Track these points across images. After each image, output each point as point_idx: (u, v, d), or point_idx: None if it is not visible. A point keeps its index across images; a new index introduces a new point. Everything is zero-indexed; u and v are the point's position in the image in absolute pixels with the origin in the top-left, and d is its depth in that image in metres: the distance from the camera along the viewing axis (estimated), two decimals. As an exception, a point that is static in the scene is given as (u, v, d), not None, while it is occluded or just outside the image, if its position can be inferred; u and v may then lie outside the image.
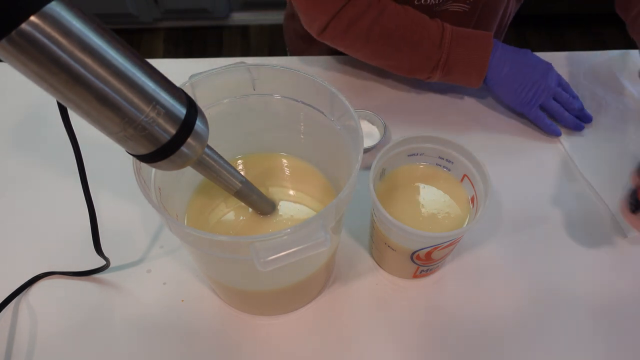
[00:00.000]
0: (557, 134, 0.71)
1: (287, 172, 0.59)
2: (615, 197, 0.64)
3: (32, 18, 0.27)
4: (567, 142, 0.70)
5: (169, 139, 0.35)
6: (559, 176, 0.67)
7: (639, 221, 0.53)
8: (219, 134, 0.47)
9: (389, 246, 0.52)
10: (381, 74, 0.79)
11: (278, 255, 0.36)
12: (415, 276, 0.56)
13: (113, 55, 0.31)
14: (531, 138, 0.72)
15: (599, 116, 0.73)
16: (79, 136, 0.40)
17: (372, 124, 0.71)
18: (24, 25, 0.27)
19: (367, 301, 0.56)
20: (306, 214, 0.54)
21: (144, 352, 0.52)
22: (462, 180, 0.54)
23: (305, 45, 0.91)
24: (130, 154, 0.37)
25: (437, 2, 0.72)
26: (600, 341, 0.53)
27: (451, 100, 0.77)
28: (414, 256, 0.51)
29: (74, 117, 0.35)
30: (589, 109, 0.74)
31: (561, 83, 0.72)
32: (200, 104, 0.41)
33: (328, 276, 0.56)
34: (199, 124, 0.37)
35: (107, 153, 0.59)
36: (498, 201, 0.64)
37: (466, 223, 0.52)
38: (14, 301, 0.54)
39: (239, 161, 0.59)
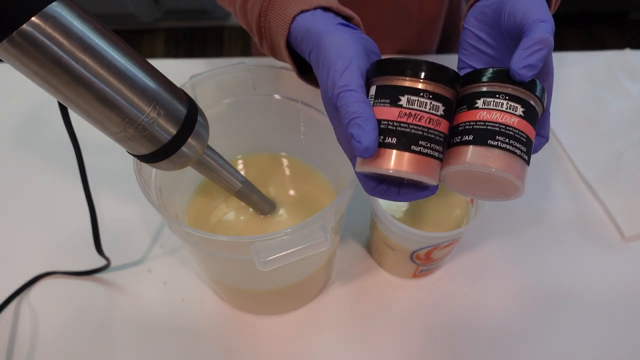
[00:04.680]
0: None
1: (287, 172, 0.59)
2: (614, 196, 0.64)
3: (33, 19, 0.27)
4: (565, 142, 0.70)
5: (169, 139, 0.35)
6: (558, 176, 0.67)
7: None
8: (219, 134, 0.47)
9: (388, 246, 0.52)
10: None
11: (278, 255, 0.36)
12: (415, 276, 0.56)
13: (114, 56, 0.31)
14: (531, 138, 0.72)
15: (598, 116, 0.73)
16: (80, 136, 0.40)
17: (372, 124, 0.71)
18: (25, 26, 0.27)
19: (367, 301, 0.56)
20: (306, 214, 0.54)
21: (144, 351, 0.52)
22: (461, 180, 0.54)
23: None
24: (131, 154, 0.37)
25: None
26: (599, 340, 0.53)
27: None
28: (413, 256, 0.51)
29: (75, 117, 0.35)
30: (588, 109, 0.74)
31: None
32: (201, 104, 0.41)
33: (328, 276, 0.57)
34: (199, 124, 0.37)
35: (107, 153, 0.59)
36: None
37: (466, 223, 0.52)
38: (15, 301, 0.54)
39: (239, 161, 0.59)
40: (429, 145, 0.31)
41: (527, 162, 0.32)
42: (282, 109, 0.53)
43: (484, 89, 0.31)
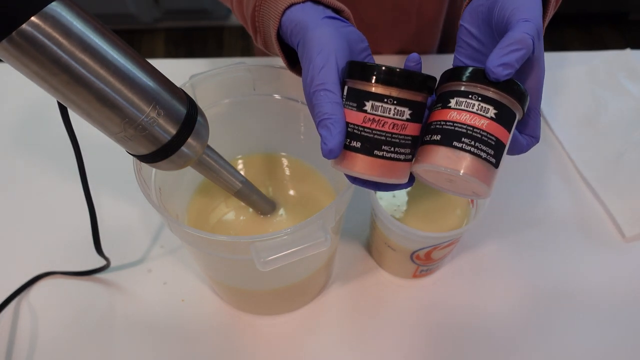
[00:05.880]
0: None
1: (287, 172, 0.59)
2: (614, 196, 0.64)
3: (33, 19, 0.27)
4: (565, 142, 0.70)
5: (169, 139, 0.35)
6: (558, 176, 0.67)
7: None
8: (219, 134, 0.47)
9: (389, 246, 0.52)
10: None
11: (278, 255, 0.36)
12: (415, 276, 0.56)
13: (113, 56, 0.31)
14: (531, 138, 0.72)
15: (598, 116, 0.73)
16: (79, 136, 0.40)
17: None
18: (24, 26, 0.27)
19: (367, 301, 0.56)
20: (306, 214, 0.54)
21: (144, 351, 0.52)
22: (461, 180, 0.54)
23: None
24: (131, 154, 0.37)
25: None
26: (600, 340, 0.53)
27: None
28: (413, 256, 0.51)
29: (75, 117, 0.35)
30: (589, 108, 0.74)
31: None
32: (200, 104, 0.41)
33: (328, 276, 0.57)
34: (199, 124, 0.37)
35: (107, 153, 0.59)
36: (498, 201, 0.64)
37: (466, 223, 0.52)
38: (14, 301, 0.54)
39: (239, 161, 0.59)
40: (392, 149, 0.31)
41: (495, 165, 0.31)
42: (282, 109, 0.53)
43: (460, 88, 0.31)
